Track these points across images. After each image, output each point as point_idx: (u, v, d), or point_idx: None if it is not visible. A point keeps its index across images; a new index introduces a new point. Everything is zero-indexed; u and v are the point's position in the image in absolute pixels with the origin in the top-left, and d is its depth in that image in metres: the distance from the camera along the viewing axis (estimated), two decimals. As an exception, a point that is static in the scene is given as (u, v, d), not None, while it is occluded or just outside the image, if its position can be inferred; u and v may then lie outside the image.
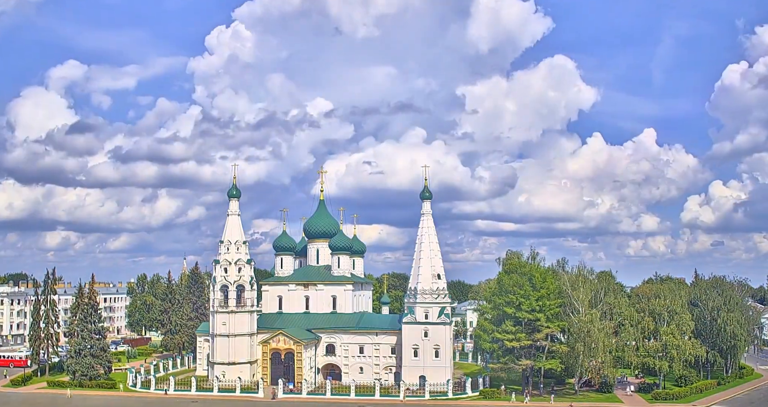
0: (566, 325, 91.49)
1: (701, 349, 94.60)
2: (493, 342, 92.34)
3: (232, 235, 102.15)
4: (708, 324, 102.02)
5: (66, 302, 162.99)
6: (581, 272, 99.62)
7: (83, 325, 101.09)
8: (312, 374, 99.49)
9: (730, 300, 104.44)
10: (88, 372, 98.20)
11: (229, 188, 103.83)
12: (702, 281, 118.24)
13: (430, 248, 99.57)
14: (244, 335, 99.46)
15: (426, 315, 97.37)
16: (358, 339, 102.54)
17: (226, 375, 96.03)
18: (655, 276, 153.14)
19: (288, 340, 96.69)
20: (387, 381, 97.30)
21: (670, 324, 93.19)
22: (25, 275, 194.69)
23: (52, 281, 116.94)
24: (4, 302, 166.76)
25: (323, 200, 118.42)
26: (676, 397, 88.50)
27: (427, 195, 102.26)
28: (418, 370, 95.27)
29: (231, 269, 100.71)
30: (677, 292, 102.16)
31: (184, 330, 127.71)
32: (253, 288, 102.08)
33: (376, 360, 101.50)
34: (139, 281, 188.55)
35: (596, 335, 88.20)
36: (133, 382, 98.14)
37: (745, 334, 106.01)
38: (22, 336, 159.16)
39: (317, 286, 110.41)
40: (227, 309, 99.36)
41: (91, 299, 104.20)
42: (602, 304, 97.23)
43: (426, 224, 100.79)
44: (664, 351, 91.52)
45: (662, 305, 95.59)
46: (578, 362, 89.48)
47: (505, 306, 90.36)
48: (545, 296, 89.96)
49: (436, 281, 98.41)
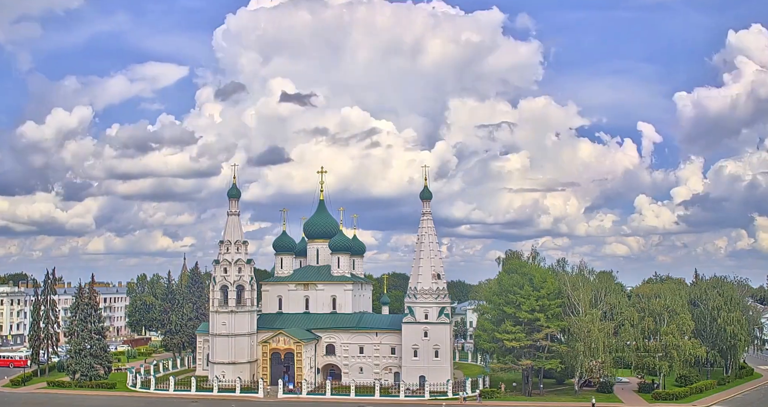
0: (566, 325, 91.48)
1: (701, 349, 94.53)
2: (493, 342, 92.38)
3: (232, 235, 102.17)
4: (708, 324, 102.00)
5: (66, 302, 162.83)
6: (581, 273, 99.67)
7: (83, 325, 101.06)
8: (312, 374, 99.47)
9: (730, 300, 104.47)
10: (88, 372, 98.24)
11: (229, 188, 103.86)
12: (702, 281, 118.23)
13: (430, 248, 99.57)
14: (244, 335, 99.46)
15: (426, 315, 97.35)
16: (358, 339, 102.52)
17: (226, 375, 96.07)
18: (655, 276, 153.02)
19: (288, 340, 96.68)
20: (387, 381, 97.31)
21: (670, 324, 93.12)
22: (25, 275, 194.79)
23: (52, 281, 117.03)
24: (4, 303, 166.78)
25: (323, 200, 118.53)
26: (676, 397, 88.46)
27: (427, 195, 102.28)
28: (418, 370, 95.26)
29: (231, 270, 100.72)
30: (677, 292, 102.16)
31: (184, 330, 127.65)
32: (253, 288, 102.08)
33: (376, 360, 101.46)
34: (139, 281, 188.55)
35: (596, 335, 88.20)
36: (133, 382, 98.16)
37: (745, 334, 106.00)
38: (22, 336, 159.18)
39: (317, 286, 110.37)
40: (227, 309, 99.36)
41: (91, 300, 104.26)
42: (602, 304, 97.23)
43: (426, 225, 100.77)
44: (664, 351, 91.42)
45: (662, 305, 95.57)
46: (578, 362, 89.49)
47: (505, 306, 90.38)
48: (545, 296, 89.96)
49: (436, 281, 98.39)
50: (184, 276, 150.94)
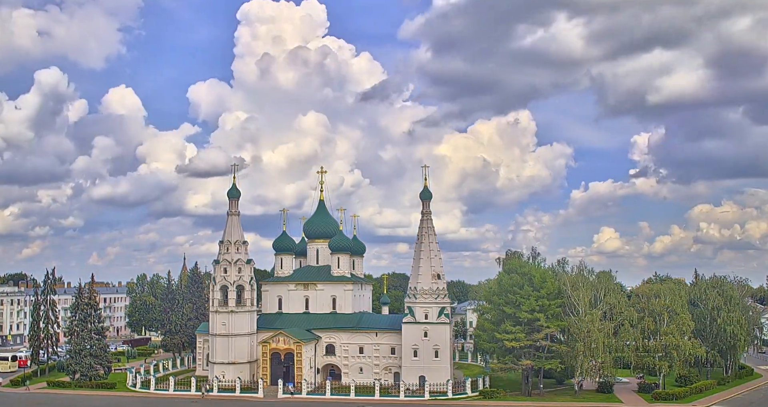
0: (566, 325, 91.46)
1: (701, 349, 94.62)
2: (493, 342, 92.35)
3: (232, 235, 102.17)
4: (708, 324, 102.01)
5: (66, 302, 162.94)
6: (581, 272, 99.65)
7: (83, 325, 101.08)
8: (312, 374, 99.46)
9: (730, 300, 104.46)
10: (88, 372, 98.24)
11: (229, 189, 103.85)
12: (702, 281, 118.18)
13: (430, 248, 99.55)
14: (244, 335, 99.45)
15: (426, 315, 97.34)
16: (358, 339, 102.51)
17: (226, 375, 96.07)
18: (654, 276, 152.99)
19: (288, 340, 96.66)
20: (387, 381, 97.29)
21: (670, 324, 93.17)
22: (25, 275, 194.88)
23: (52, 281, 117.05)
24: (4, 302, 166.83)
25: (323, 200, 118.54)
26: (676, 397, 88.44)
27: (427, 195, 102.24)
28: (418, 370, 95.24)
29: (231, 270, 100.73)
30: (677, 292, 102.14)
31: (184, 330, 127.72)
32: (253, 288, 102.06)
33: (376, 360, 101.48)
34: (139, 281, 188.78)
35: (596, 335, 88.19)
36: (133, 382, 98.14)
37: (745, 334, 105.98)
38: (22, 336, 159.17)
39: (317, 286, 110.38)
40: (227, 309, 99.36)
41: (91, 300, 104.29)
42: (602, 304, 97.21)
43: (426, 225, 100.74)
44: (664, 351, 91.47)
45: (662, 305, 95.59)
46: (578, 362, 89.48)
47: (505, 306, 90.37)
48: (545, 296, 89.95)
49: (436, 281, 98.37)
50: (184, 276, 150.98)
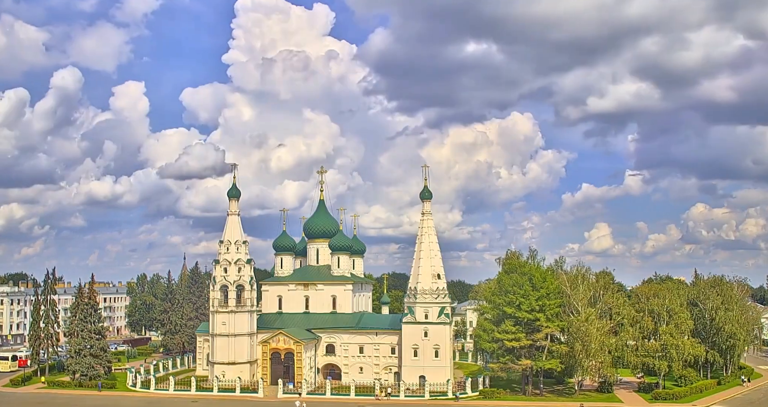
0: (566, 325, 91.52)
1: (700, 349, 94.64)
2: (493, 342, 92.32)
3: (232, 235, 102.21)
4: (707, 324, 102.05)
5: (66, 302, 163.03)
6: (580, 272, 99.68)
7: (83, 325, 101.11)
8: (312, 374, 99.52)
9: (730, 300, 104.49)
10: (88, 372, 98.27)
11: (229, 189, 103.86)
12: (701, 281, 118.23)
13: (430, 248, 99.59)
14: (244, 335, 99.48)
15: (426, 315, 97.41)
16: (358, 339, 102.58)
17: (226, 375, 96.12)
18: (654, 276, 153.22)
19: (288, 340, 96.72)
20: (387, 381, 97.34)
21: (670, 324, 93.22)
22: (25, 275, 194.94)
23: (52, 281, 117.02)
24: (4, 302, 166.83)
25: (323, 199, 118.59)
26: (676, 397, 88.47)
27: (427, 195, 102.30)
28: (418, 370, 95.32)
29: (231, 269, 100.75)
30: (676, 292, 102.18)
31: (184, 330, 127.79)
32: (253, 288, 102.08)
33: (376, 360, 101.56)
34: (139, 281, 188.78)
35: (595, 335, 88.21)
36: (133, 382, 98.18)
37: (745, 334, 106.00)
38: (22, 336, 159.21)
39: (317, 286, 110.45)
40: (227, 309, 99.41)
41: (91, 300, 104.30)
42: (601, 304, 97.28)
43: (426, 224, 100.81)
44: (663, 351, 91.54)
45: (661, 304, 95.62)
46: (578, 362, 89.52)
47: (504, 306, 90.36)
48: (545, 296, 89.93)
49: (436, 281, 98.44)
50: (184, 276, 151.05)
